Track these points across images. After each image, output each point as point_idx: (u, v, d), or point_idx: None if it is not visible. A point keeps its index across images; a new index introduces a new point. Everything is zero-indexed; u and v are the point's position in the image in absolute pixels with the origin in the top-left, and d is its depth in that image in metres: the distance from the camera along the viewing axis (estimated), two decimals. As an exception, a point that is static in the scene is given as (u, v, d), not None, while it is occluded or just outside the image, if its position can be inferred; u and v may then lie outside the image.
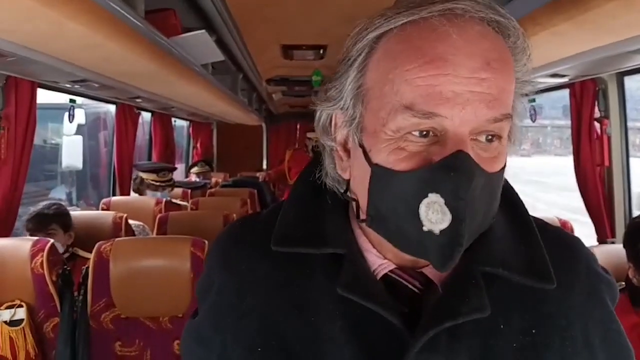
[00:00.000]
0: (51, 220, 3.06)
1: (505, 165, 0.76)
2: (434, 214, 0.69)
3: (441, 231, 0.69)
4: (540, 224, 0.88)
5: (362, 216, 0.80)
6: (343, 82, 0.79)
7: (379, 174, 0.74)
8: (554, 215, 3.55)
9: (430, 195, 0.70)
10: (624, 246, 2.40)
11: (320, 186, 0.89)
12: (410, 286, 0.80)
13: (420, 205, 0.70)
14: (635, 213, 3.30)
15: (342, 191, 0.85)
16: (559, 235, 0.88)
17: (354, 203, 0.83)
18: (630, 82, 3.25)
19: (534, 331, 0.77)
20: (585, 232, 3.63)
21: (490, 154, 0.73)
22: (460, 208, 0.68)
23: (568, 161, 3.51)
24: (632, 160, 3.35)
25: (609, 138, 3.27)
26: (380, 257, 0.82)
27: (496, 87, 0.70)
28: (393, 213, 0.74)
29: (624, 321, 0.84)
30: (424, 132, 0.71)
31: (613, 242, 3.23)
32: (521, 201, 0.88)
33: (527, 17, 2.00)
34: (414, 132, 0.71)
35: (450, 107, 0.68)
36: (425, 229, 0.70)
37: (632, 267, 2.33)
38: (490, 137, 0.72)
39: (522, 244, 0.82)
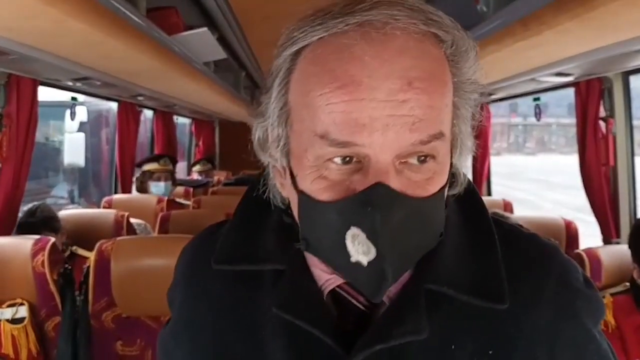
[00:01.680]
0: (39, 228, 2.98)
1: (445, 185, 0.71)
2: (360, 246, 0.66)
3: (369, 263, 0.66)
4: (507, 230, 0.81)
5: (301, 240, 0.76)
6: (269, 99, 0.74)
7: (304, 201, 0.70)
8: (559, 214, 3.54)
9: (352, 228, 0.66)
10: (629, 247, 2.39)
11: (266, 200, 0.85)
12: (356, 302, 0.76)
13: (346, 236, 0.66)
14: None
15: (284, 208, 0.82)
16: (528, 244, 0.81)
17: (295, 225, 0.78)
18: (636, 81, 3.24)
19: (490, 352, 0.71)
20: (590, 231, 3.63)
21: (424, 176, 0.68)
22: (380, 244, 0.64)
23: (573, 160, 3.50)
24: (637, 159, 3.34)
25: (614, 137, 3.26)
26: (327, 272, 0.77)
27: (420, 108, 0.64)
28: (322, 241, 0.71)
29: (628, 322, 0.80)
30: (346, 159, 0.66)
31: (618, 243, 3.22)
32: (483, 207, 0.82)
33: (532, 15, 1.99)
34: (335, 159, 0.66)
35: (367, 134, 0.63)
36: (352, 260, 0.67)
37: (637, 268, 2.32)
38: (422, 158, 0.67)
39: (475, 258, 0.76)
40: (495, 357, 0.71)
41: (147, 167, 5.02)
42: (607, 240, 3.34)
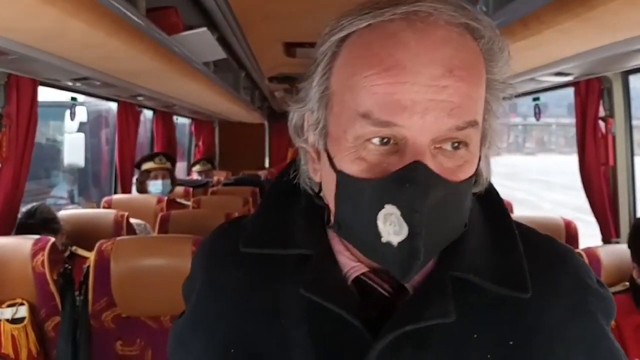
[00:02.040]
0: (38, 229, 2.95)
1: (474, 173, 0.74)
2: (392, 226, 0.68)
3: (399, 243, 0.68)
4: (526, 231, 0.84)
5: (332, 221, 0.78)
6: (310, 85, 0.78)
7: (343, 181, 0.73)
8: (559, 215, 3.54)
9: (386, 206, 0.68)
10: (629, 246, 2.39)
11: (295, 189, 0.87)
12: (380, 289, 0.78)
13: (378, 216, 0.69)
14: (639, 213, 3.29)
15: (316, 193, 0.85)
16: (546, 245, 0.84)
17: (325, 208, 0.82)
18: (636, 81, 3.24)
19: (511, 343, 0.74)
20: (590, 232, 3.63)
21: (456, 162, 0.70)
22: (415, 221, 0.66)
23: (573, 159, 3.50)
24: (637, 159, 3.33)
25: (613, 137, 3.26)
26: (353, 260, 0.80)
27: (459, 95, 0.67)
28: (356, 222, 0.73)
29: (627, 322, 0.82)
30: (384, 140, 0.69)
31: (618, 242, 3.22)
32: (504, 205, 0.85)
33: (532, 15, 1.99)
34: (373, 140, 0.69)
35: (408, 116, 0.66)
36: (383, 240, 0.69)
37: (636, 268, 2.32)
38: (456, 144, 0.70)
39: (498, 251, 0.78)
40: (515, 347, 0.73)
41: (144, 166, 5.04)
42: (606, 240, 3.34)
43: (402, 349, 0.72)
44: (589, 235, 3.67)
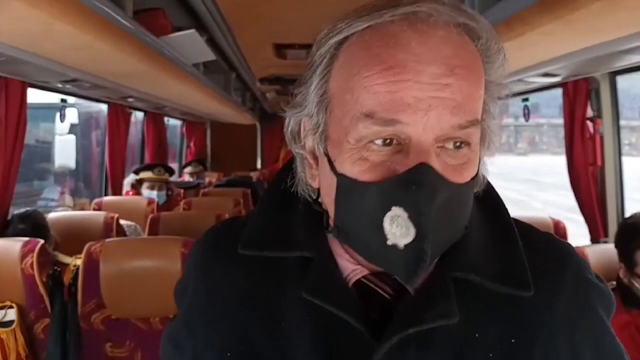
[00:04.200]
0: (28, 235, 2.85)
1: (477, 174, 0.74)
2: (398, 228, 0.67)
3: (405, 245, 0.67)
4: (526, 229, 0.84)
5: (332, 225, 0.78)
6: (308, 89, 0.77)
7: (344, 184, 0.72)
8: (548, 214, 3.55)
9: (393, 208, 0.67)
10: (616, 246, 2.41)
11: (292, 194, 0.86)
12: (381, 292, 0.77)
13: (384, 218, 0.68)
14: (627, 213, 3.30)
15: (313, 199, 0.84)
16: (546, 242, 0.84)
17: (324, 214, 0.81)
18: (623, 81, 3.26)
19: (513, 341, 0.74)
20: (579, 231, 3.64)
21: (459, 161, 0.70)
22: (423, 223, 0.66)
23: (564, 160, 3.52)
24: (625, 159, 3.35)
25: (601, 138, 3.27)
26: (353, 263, 0.79)
27: (461, 93, 0.67)
28: (358, 225, 0.72)
29: (615, 321, 0.82)
30: (387, 141, 0.69)
31: (606, 242, 3.23)
32: (503, 204, 0.85)
33: (516, 16, 2.00)
34: (376, 141, 0.69)
35: (411, 113, 0.66)
36: (389, 242, 0.68)
37: (623, 267, 2.34)
38: (458, 143, 0.70)
39: (498, 250, 0.78)
40: (517, 345, 0.74)
41: (142, 174, 5.06)
42: (594, 240, 3.36)
43: (406, 350, 0.72)
44: (579, 235, 3.70)
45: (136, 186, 5.13)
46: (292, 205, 0.86)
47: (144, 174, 5.07)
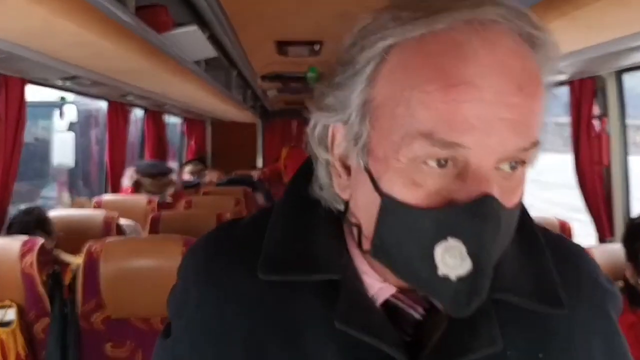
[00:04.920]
0: (34, 228, 2.96)
1: (522, 195, 0.68)
2: (452, 259, 0.61)
3: (458, 277, 0.62)
4: (544, 234, 0.80)
5: (366, 244, 0.71)
6: (346, 93, 0.68)
7: (391, 206, 0.65)
8: (553, 214, 3.54)
9: (449, 239, 0.61)
10: (623, 245, 2.39)
11: (312, 201, 0.79)
12: (412, 312, 0.72)
13: (436, 247, 0.62)
14: (633, 212, 3.29)
15: (341, 210, 0.76)
16: (562, 246, 0.81)
17: (354, 228, 0.73)
18: (630, 80, 3.24)
19: (540, 355, 0.71)
20: (584, 231, 3.63)
21: (512, 183, 0.65)
22: (483, 258, 0.61)
23: (568, 158, 3.49)
24: (631, 158, 3.33)
25: (608, 136, 3.25)
26: (379, 280, 0.73)
27: (526, 113, 0.61)
28: (404, 250, 0.65)
29: (621, 321, 0.81)
30: (442, 161, 0.62)
31: (612, 241, 3.22)
32: (528, 214, 0.79)
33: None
34: (430, 162, 0.62)
35: (474, 136, 0.59)
36: (440, 273, 0.62)
37: (630, 267, 2.32)
38: (514, 164, 0.63)
39: (529, 262, 0.74)
40: (545, 357, 0.72)
41: (142, 179, 5.04)
42: (601, 239, 3.34)
43: None
44: (584, 235, 3.67)
45: (138, 188, 5.10)
46: (313, 215, 0.78)
47: (145, 180, 5.06)
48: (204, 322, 0.77)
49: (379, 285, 0.74)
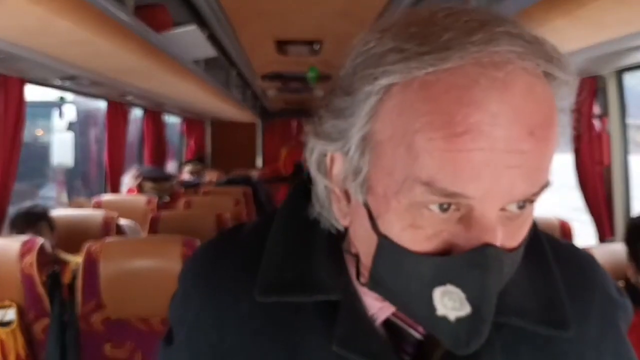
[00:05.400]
0: (40, 218, 3.03)
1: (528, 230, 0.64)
2: (451, 302, 0.59)
3: (457, 319, 0.60)
4: (553, 244, 0.78)
5: (364, 275, 0.68)
6: (345, 124, 0.64)
7: (388, 248, 0.62)
8: (554, 214, 3.53)
9: (448, 285, 0.59)
10: (626, 244, 2.38)
11: (311, 221, 0.76)
12: (412, 332, 0.71)
13: (436, 290, 0.60)
14: (634, 212, 3.28)
15: (341, 230, 0.74)
16: (570, 256, 0.79)
17: (353, 257, 0.70)
18: (630, 79, 3.23)
19: None
20: (585, 231, 3.62)
21: (519, 222, 0.61)
22: (483, 305, 0.59)
23: (567, 158, 3.49)
24: (632, 158, 3.32)
25: (608, 136, 3.25)
26: (379, 300, 0.71)
27: (538, 158, 0.57)
28: (402, 288, 0.63)
29: None
30: (445, 206, 0.58)
31: (612, 241, 3.21)
32: (536, 229, 0.75)
33: (522, 12, 1.98)
34: (431, 207, 0.58)
35: (479, 185, 0.56)
36: (438, 313, 0.60)
37: (632, 266, 2.31)
38: (522, 203, 0.59)
39: (537, 285, 0.72)
40: None
41: (144, 182, 5.08)
42: (601, 239, 3.34)
43: None
44: (584, 235, 3.67)
45: (140, 187, 5.13)
46: (312, 235, 0.76)
47: (146, 182, 5.09)
48: (202, 342, 0.76)
49: (378, 305, 0.72)
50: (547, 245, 0.76)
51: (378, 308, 0.72)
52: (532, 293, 0.71)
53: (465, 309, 0.59)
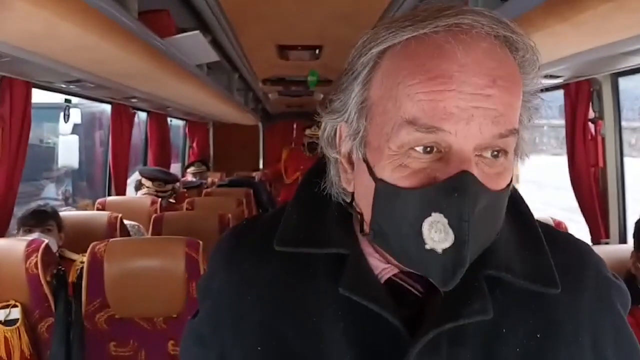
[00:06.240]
0: (50, 217, 3.10)
1: (511, 182, 0.76)
2: (437, 233, 0.69)
3: (444, 250, 0.69)
4: (548, 229, 0.87)
5: (366, 229, 0.79)
6: (347, 96, 0.78)
7: (383, 189, 0.73)
8: (549, 215, 3.55)
9: (433, 214, 0.69)
10: (633, 237, 2.40)
11: (324, 196, 0.87)
12: (413, 290, 0.80)
13: (423, 223, 0.70)
14: (629, 214, 3.30)
15: (347, 202, 0.85)
16: (567, 241, 0.88)
17: (358, 216, 0.82)
18: (625, 83, 3.25)
19: (538, 335, 0.77)
20: (580, 233, 3.63)
21: (496, 170, 0.72)
22: (463, 229, 0.68)
23: (563, 160, 3.51)
24: (626, 160, 3.34)
25: (603, 139, 3.27)
26: (383, 262, 0.81)
27: (502, 104, 0.69)
28: (396, 229, 0.74)
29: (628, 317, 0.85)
30: (428, 148, 0.70)
31: (607, 243, 3.23)
32: (527, 206, 0.88)
33: (521, 17, 1.99)
34: (417, 148, 0.70)
35: (454, 122, 0.68)
36: (427, 247, 0.70)
37: (635, 255, 2.34)
38: (495, 152, 0.72)
39: (526, 250, 0.81)
40: (543, 340, 0.77)
41: (143, 182, 5.10)
42: (596, 241, 3.35)
43: (439, 346, 0.74)
44: (579, 237, 3.67)
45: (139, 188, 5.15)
46: (324, 207, 0.87)
47: (145, 182, 5.10)
48: (224, 304, 0.86)
49: (382, 266, 0.81)
50: (539, 226, 0.85)
51: (382, 269, 0.81)
52: (522, 256, 0.80)
53: (449, 239, 0.69)
